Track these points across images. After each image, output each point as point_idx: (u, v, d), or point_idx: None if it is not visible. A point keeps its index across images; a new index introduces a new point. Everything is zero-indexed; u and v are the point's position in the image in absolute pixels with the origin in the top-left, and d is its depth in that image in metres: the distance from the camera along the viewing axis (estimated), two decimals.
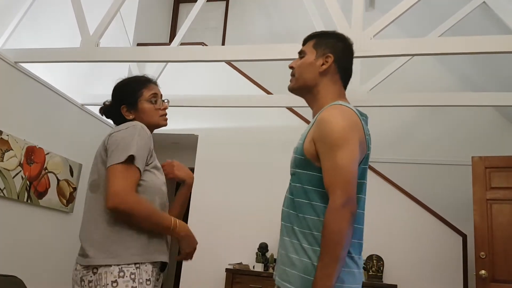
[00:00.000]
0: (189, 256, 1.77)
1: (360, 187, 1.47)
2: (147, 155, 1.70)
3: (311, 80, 1.60)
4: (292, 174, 1.54)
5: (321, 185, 1.43)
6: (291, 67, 1.67)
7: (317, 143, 1.45)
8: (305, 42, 1.70)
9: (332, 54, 1.60)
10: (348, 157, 1.38)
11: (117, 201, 1.57)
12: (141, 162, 1.65)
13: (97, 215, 1.66)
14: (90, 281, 1.59)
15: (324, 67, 1.59)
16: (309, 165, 1.47)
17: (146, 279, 1.62)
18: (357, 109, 1.54)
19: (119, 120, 1.85)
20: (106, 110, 1.92)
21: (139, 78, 1.93)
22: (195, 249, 1.77)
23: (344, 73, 1.64)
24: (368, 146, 1.51)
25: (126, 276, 1.57)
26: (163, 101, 1.89)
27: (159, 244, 1.69)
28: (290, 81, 1.66)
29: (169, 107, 1.93)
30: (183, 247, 1.75)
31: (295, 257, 1.43)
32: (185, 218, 1.92)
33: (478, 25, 4.42)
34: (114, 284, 1.56)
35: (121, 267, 1.58)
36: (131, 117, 1.82)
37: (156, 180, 1.73)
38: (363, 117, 1.56)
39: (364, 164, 1.49)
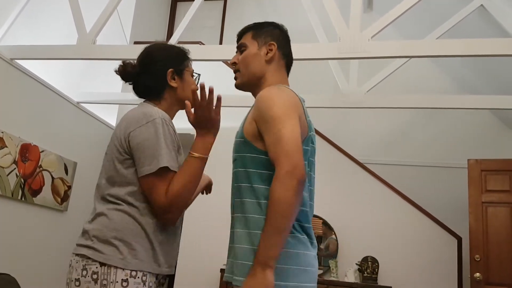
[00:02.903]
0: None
1: (309, 166, 1.46)
2: (176, 152, 1.59)
3: (258, 70, 1.58)
4: (234, 160, 1.50)
5: (263, 167, 1.39)
6: (233, 63, 1.64)
7: (258, 122, 1.41)
8: (240, 36, 1.66)
9: (274, 41, 1.59)
10: (289, 128, 1.33)
11: (170, 216, 1.51)
12: (174, 165, 1.54)
13: (113, 208, 1.54)
14: (95, 272, 1.47)
15: (270, 54, 1.57)
16: (249, 147, 1.43)
17: (155, 281, 1.56)
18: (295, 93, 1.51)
19: (148, 87, 1.66)
20: (130, 73, 1.69)
21: (184, 48, 1.75)
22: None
23: (287, 59, 1.62)
24: (310, 127, 1.48)
25: (138, 277, 1.48)
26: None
27: (168, 256, 1.59)
28: (235, 78, 1.63)
29: None
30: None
31: (237, 246, 1.39)
32: (181, 219, 1.87)
33: (476, 28, 4.42)
34: (124, 284, 1.46)
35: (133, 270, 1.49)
36: (173, 84, 1.65)
37: None
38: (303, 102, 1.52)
39: (306, 145, 1.44)
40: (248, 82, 1.61)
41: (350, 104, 4.07)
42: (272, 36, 1.60)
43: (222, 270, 4.31)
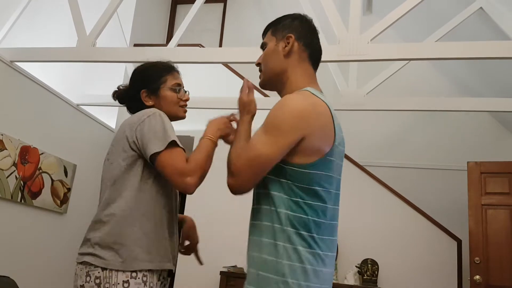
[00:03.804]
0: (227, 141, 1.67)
1: (330, 180, 1.37)
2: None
3: (278, 66, 1.49)
4: None
5: (276, 174, 1.35)
6: (257, 64, 1.56)
7: None
8: (263, 35, 1.59)
9: (292, 33, 1.48)
10: (266, 147, 1.30)
11: (190, 179, 1.53)
12: (180, 144, 1.61)
13: (112, 217, 1.59)
14: (97, 277, 1.53)
15: (287, 48, 1.47)
16: None
17: (156, 282, 1.60)
18: (328, 102, 1.42)
19: (135, 106, 1.75)
20: (120, 94, 1.82)
21: (165, 63, 1.83)
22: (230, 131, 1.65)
23: (311, 49, 1.50)
24: (335, 137, 1.37)
25: (139, 278, 1.54)
26: (185, 92, 1.81)
27: (167, 252, 1.64)
28: (260, 76, 1.56)
29: None
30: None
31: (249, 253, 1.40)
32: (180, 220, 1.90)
33: (475, 30, 4.43)
34: (126, 285, 1.52)
35: (135, 269, 1.54)
36: (150, 103, 1.74)
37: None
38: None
39: (330, 156, 1.36)
40: (269, 80, 1.53)
41: (349, 106, 4.07)
42: (290, 28, 1.50)
43: (222, 273, 4.30)
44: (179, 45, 4.00)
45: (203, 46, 5.08)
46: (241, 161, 1.34)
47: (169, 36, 6.52)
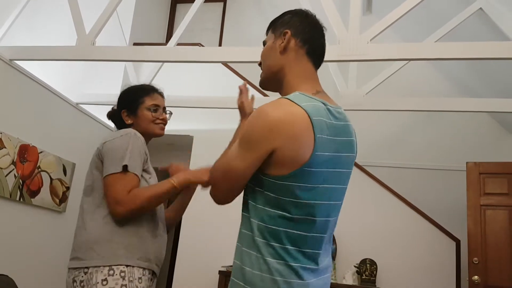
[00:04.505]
0: (206, 186, 1.75)
1: (314, 191, 1.29)
2: (142, 162, 1.75)
3: (274, 63, 1.43)
4: None
5: (256, 183, 1.33)
6: (259, 64, 1.52)
7: None
8: (267, 32, 1.53)
9: (288, 29, 1.42)
10: (237, 158, 1.29)
11: (121, 209, 1.64)
12: (137, 168, 1.71)
13: (89, 219, 1.71)
14: (81, 281, 1.64)
15: (283, 44, 1.41)
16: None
17: (138, 277, 1.66)
18: (324, 106, 1.33)
19: (119, 124, 1.94)
20: (111, 114, 2.02)
21: (145, 86, 1.99)
22: (207, 180, 1.71)
23: (310, 45, 1.43)
24: (315, 146, 1.25)
25: (116, 274, 1.62)
26: (165, 112, 1.95)
27: (147, 252, 1.72)
28: (260, 77, 1.51)
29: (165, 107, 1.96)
30: (196, 187, 1.85)
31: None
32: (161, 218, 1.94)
33: (475, 31, 4.43)
34: (104, 283, 1.60)
35: (111, 266, 1.62)
36: (129, 121, 1.90)
37: (146, 184, 1.78)
38: (334, 115, 1.35)
39: (309, 166, 1.25)
40: (267, 79, 1.47)
41: (348, 106, 4.07)
42: (288, 24, 1.44)
43: (220, 272, 4.30)
44: (178, 44, 3.99)
45: (202, 46, 5.07)
46: (216, 173, 1.36)
47: (169, 35, 6.52)
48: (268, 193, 1.29)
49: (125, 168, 1.67)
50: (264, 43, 1.52)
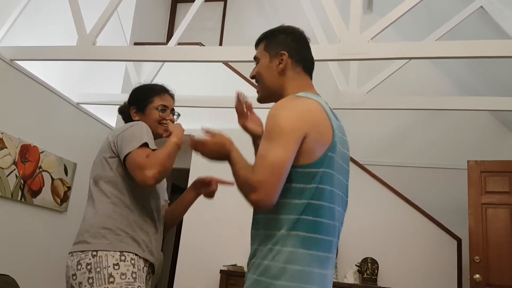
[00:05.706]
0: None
1: (328, 177, 1.39)
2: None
3: (273, 83, 1.54)
4: None
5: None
6: (252, 77, 1.61)
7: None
8: (256, 47, 1.63)
9: (285, 50, 1.53)
10: (277, 150, 1.31)
11: (149, 172, 1.64)
12: (154, 146, 1.76)
13: (97, 207, 1.76)
14: (88, 264, 1.64)
15: (281, 66, 1.52)
16: None
17: (143, 267, 1.72)
18: (326, 104, 1.47)
19: (127, 120, 2.00)
20: (121, 109, 2.07)
21: (157, 86, 2.03)
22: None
23: (304, 62, 1.56)
24: (334, 133, 1.41)
25: (127, 261, 1.66)
26: (173, 114, 2.00)
27: (149, 246, 1.77)
28: (257, 92, 1.60)
29: None
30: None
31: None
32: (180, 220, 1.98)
33: (475, 29, 4.43)
34: (116, 267, 1.63)
35: (122, 252, 1.66)
36: (136, 118, 1.96)
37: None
38: (334, 114, 1.49)
39: (331, 151, 1.39)
40: (268, 96, 1.59)
41: (349, 105, 4.07)
42: (283, 45, 1.54)
43: (221, 271, 4.30)
44: (179, 43, 4.00)
45: (203, 45, 5.07)
46: (260, 173, 1.31)
47: (169, 35, 6.52)
48: (296, 185, 1.35)
49: (145, 145, 1.72)
50: (256, 58, 1.60)
